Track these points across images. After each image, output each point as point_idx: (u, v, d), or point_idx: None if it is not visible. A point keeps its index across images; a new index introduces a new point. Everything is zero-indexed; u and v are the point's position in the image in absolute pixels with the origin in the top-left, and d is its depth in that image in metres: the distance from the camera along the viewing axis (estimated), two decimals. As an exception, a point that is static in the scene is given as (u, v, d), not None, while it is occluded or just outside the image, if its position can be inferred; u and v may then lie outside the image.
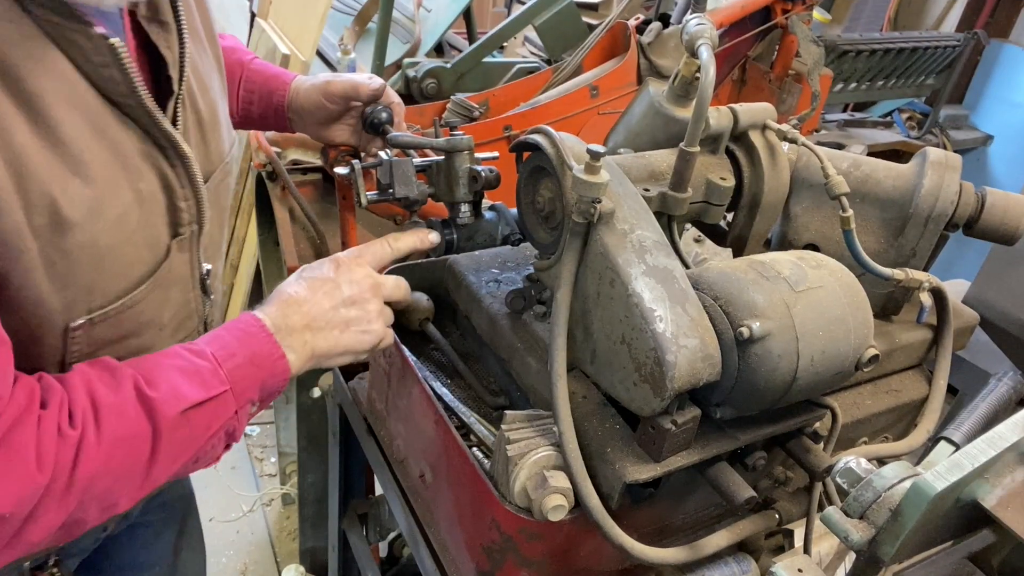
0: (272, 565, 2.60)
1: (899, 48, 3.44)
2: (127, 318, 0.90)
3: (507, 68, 2.63)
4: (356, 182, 1.13)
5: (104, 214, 0.82)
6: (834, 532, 0.71)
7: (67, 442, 0.74)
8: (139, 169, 0.86)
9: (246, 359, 0.88)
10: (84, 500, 0.77)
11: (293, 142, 2.09)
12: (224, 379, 0.86)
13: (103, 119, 0.81)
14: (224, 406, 0.86)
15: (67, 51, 0.76)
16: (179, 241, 0.94)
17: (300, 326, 0.93)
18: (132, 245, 0.87)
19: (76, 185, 0.78)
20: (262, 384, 0.90)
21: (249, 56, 1.34)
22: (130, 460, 0.80)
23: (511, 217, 1.23)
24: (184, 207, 0.93)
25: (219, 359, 0.86)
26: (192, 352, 0.86)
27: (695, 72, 1.06)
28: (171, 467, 0.84)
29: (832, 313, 0.85)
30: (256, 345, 0.89)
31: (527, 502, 0.89)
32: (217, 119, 1.04)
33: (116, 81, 0.80)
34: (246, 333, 0.89)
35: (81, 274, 0.82)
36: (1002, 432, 0.71)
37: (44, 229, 0.76)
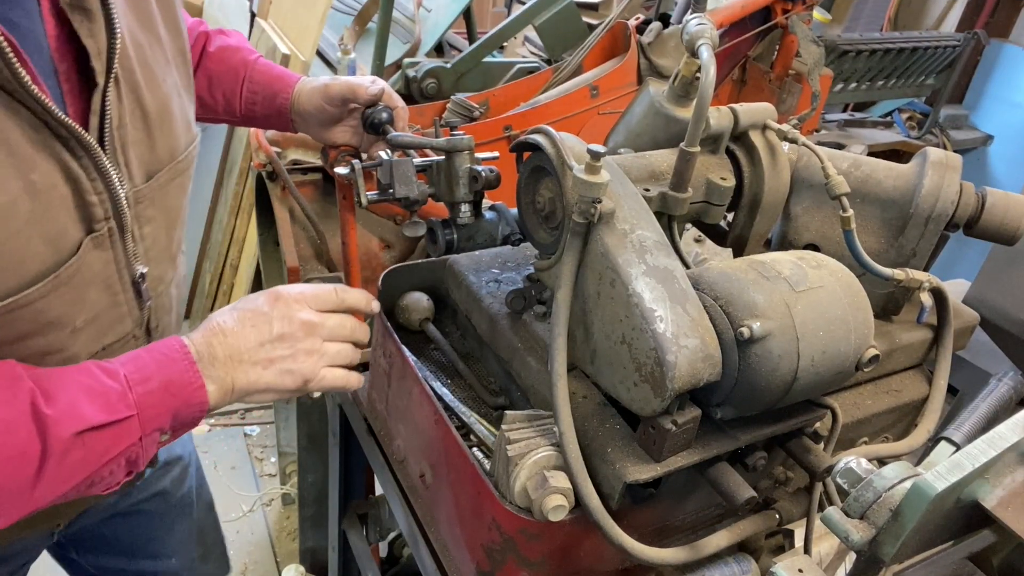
0: (272, 565, 2.60)
1: (899, 48, 3.44)
2: (21, 317, 0.84)
3: (507, 68, 2.63)
4: (356, 182, 1.13)
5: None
6: (834, 532, 0.71)
7: None
8: (31, 158, 0.80)
9: (160, 385, 0.84)
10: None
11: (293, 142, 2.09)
12: (132, 404, 0.81)
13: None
14: (127, 432, 0.81)
15: None
16: (95, 238, 0.89)
17: (223, 357, 0.89)
18: (23, 239, 0.81)
19: None
20: (175, 413, 0.85)
21: (254, 56, 1.34)
22: (12, 478, 0.75)
23: (511, 217, 1.23)
24: (96, 201, 0.87)
25: (131, 382, 0.82)
26: (104, 371, 0.82)
27: (695, 72, 1.06)
28: (59, 488, 0.80)
29: (832, 313, 0.85)
30: (174, 371, 0.85)
31: (527, 502, 0.89)
32: (169, 114, 0.99)
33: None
34: (167, 357, 0.85)
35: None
36: (1002, 432, 0.71)
37: None
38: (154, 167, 0.98)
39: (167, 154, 1.00)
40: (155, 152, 0.97)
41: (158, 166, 0.98)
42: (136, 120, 0.93)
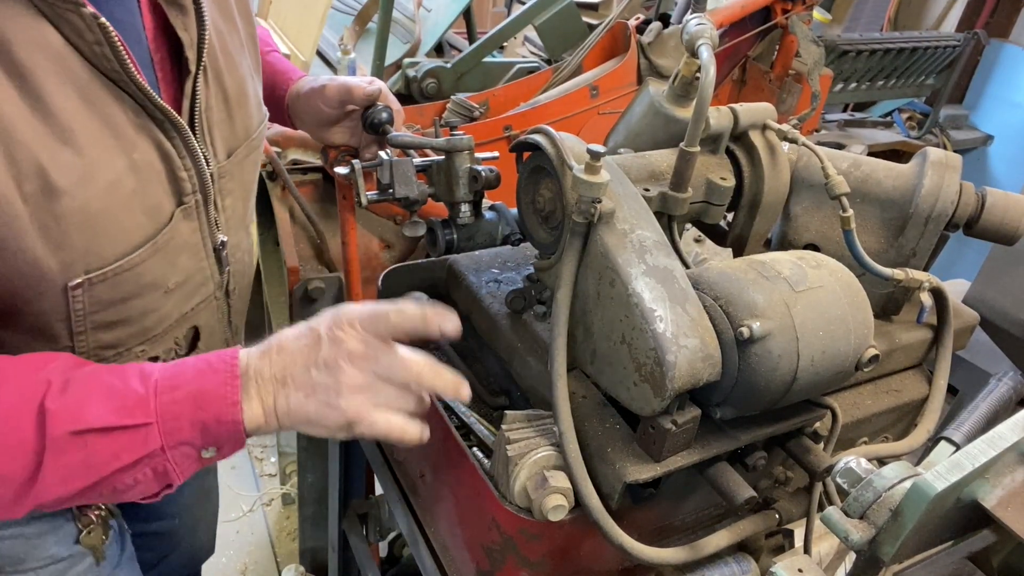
0: (272, 565, 2.60)
1: (899, 48, 3.44)
2: (126, 280, 0.91)
3: (507, 68, 2.63)
4: (356, 182, 1.14)
5: (95, 181, 0.84)
6: (834, 532, 0.71)
7: None
8: (133, 139, 0.88)
9: (188, 395, 0.79)
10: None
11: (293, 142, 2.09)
12: (151, 411, 0.78)
13: (94, 92, 0.83)
14: (143, 440, 0.78)
15: (60, 28, 0.78)
16: (184, 210, 0.97)
17: (269, 375, 0.83)
18: (127, 211, 0.89)
19: (66, 154, 0.81)
20: (203, 427, 0.80)
21: (268, 48, 1.36)
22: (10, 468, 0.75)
23: (511, 217, 1.23)
24: (185, 176, 0.95)
25: (159, 388, 0.79)
26: (140, 373, 0.80)
27: (695, 72, 1.06)
28: (61, 488, 0.77)
29: (832, 313, 0.85)
30: (209, 383, 0.80)
31: (527, 502, 0.89)
32: (245, 96, 1.07)
33: (108, 58, 0.82)
34: (210, 367, 0.81)
35: (75, 237, 0.84)
36: (1002, 432, 0.71)
37: (35, 195, 0.79)
38: (233, 144, 1.06)
39: (244, 132, 1.08)
40: (234, 131, 1.05)
41: (236, 144, 1.06)
42: (219, 103, 1.01)
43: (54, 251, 0.82)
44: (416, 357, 0.85)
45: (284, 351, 0.84)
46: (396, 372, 0.84)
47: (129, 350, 1.01)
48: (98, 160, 0.84)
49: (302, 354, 0.83)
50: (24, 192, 0.78)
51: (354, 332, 0.83)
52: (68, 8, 0.77)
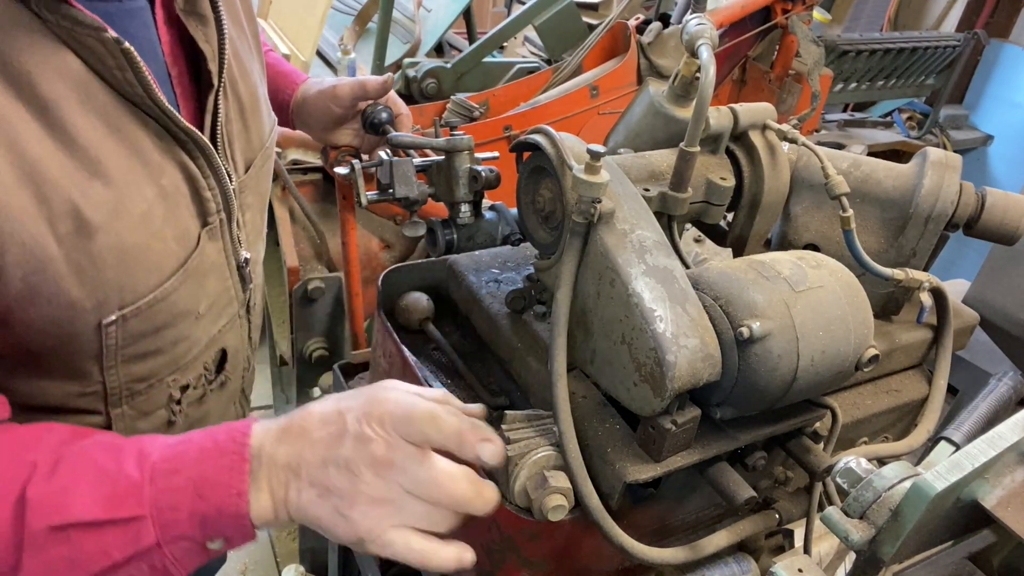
0: (272, 565, 2.60)
1: (899, 48, 3.44)
2: (160, 310, 0.88)
3: (507, 68, 2.63)
4: (356, 182, 1.14)
5: (128, 213, 0.81)
6: (834, 532, 0.71)
7: None
8: (160, 165, 0.85)
9: (187, 481, 0.68)
10: None
11: (293, 142, 2.09)
12: (145, 501, 0.67)
13: (119, 119, 0.80)
14: (136, 535, 0.67)
15: (80, 54, 0.75)
16: (208, 230, 0.93)
17: (284, 462, 0.71)
18: (160, 240, 0.86)
19: (96, 187, 0.77)
20: (202, 520, 0.69)
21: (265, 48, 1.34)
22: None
23: (511, 217, 1.23)
24: (210, 196, 0.92)
25: (156, 473, 0.68)
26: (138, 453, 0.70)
27: (695, 72, 1.06)
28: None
29: (832, 313, 0.85)
30: (212, 467, 0.69)
31: (527, 502, 0.89)
32: (257, 103, 1.04)
33: (132, 83, 0.79)
34: (216, 446, 0.70)
35: (110, 274, 0.81)
36: (1002, 432, 0.71)
37: (69, 236, 0.76)
38: (250, 156, 1.02)
39: (258, 142, 1.04)
40: (250, 142, 1.02)
41: (253, 155, 1.03)
42: (236, 114, 0.98)
43: (89, 291, 0.79)
44: (454, 471, 0.72)
45: (304, 435, 0.71)
46: (427, 489, 0.71)
47: (161, 380, 0.97)
48: (129, 190, 0.81)
49: (323, 444, 0.71)
50: (58, 234, 0.74)
51: (383, 433, 0.70)
52: (88, 34, 0.73)
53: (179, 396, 1.02)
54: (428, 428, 0.71)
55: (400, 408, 0.71)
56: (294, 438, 0.71)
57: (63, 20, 0.72)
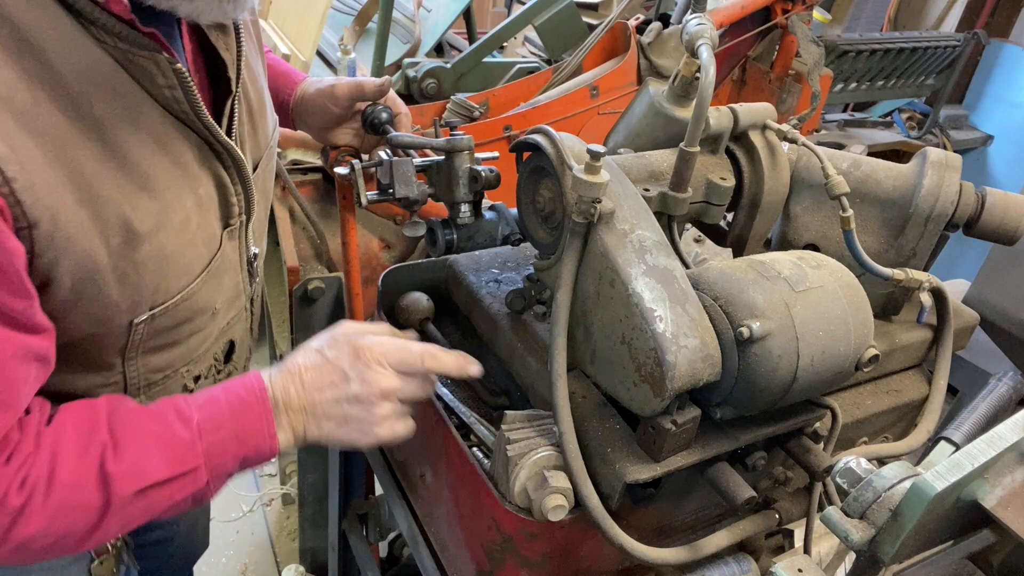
0: (272, 565, 2.60)
1: (899, 48, 3.44)
2: (184, 308, 0.94)
3: (507, 68, 2.63)
4: (356, 182, 1.13)
5: (170, 222, 0.86)
6: (834, 532, 0.71)
7: (6, 509, 0.75)
8: (198, 175, 0.90)
9: (231, 434, 0.86)
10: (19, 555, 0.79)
11: (293, 142, 2.09)
12: (200, 453, 0.84)
13: (166, 133, 0.84)
14: (193, 480, 0.84)
15: (133, 73, 0.79)
16: (229, 231, 0.98)
17: (298, 407, 0.90)
18: (193, 246, 0.91)
19: (144, 199, 0.82)
20: (243, 460, 0.87)
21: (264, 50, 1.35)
22: (74, 526, 0.80)
23: (511, 217, 1.23)
24: (235, 201, 0.97)
25: (203, 430, 0.84)
26: (180, 416, 0.85)
27: (695, 72, 1.06)
28: (119, 531, 0.84)
29: (832, 313, 0.85)
30: (248, 420, 0.86)
31: (527, 502, 0.89)
32: (263, 104, 1.08)
33: (179, 101, 0.83)
34: (243, 403, 0.87)
35: (149, 279, 0.86)
36: (1002, 432, 0.71)
37: (119, 247, 0.81)
38: (257, 156, 1.06)
39: (264, 141, 1.08)
40: (258, 142, 1.06)
41: (260, 154, 1.07)
42: (246, 116, 1.02)
43: (128, 294, 0.85)
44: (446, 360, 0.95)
45: (308, 385, 0.90)
46: (411, 394, 0.95)
47: (176, 371, 1.02)
48: (172, 201, 0.86)
49: (331, 389, 0.90)
50: (109, 246, 0.80)
51: (383, 371, 0.91)
52: (144, 55, 0.77)
53: (192, 386, 1.07)
54: (429, 363, 0.93)
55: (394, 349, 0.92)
56: (298, 386, 0.89)
57: (121, 42, 0.76)
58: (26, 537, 0.77)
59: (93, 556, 1.13)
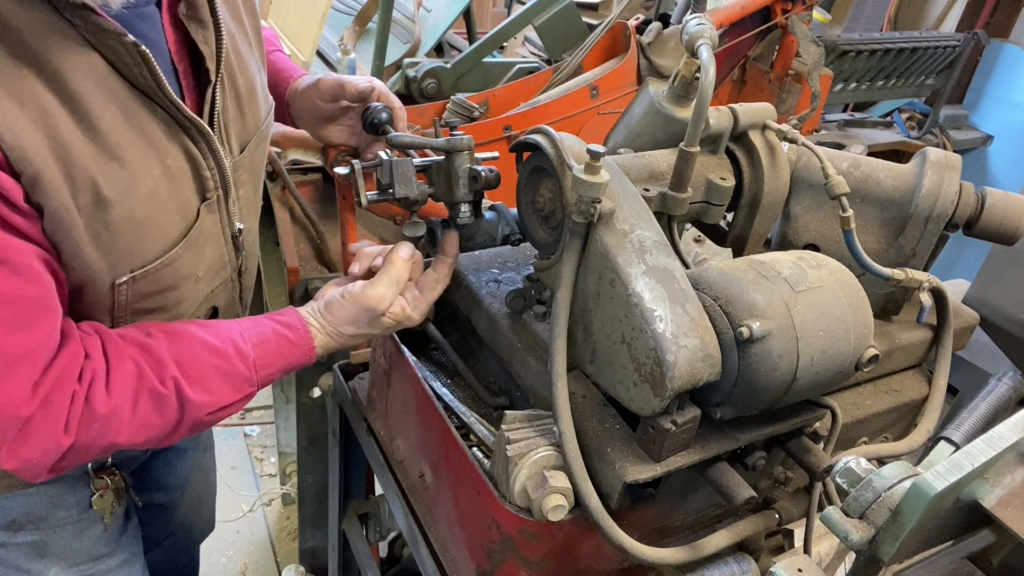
0: (272, 565, 2.60)
1: (899, 48, 3.44)
2: (166, 274, 1.04)
3: (507, 68, 2.63)
4: (356, 182, 1.13)
5: (138, 190, 0.95)
6: (834, 532, 0.71)
7: (94, 417, 0.91)
8: (166, 148, 0.98)
9: (281, 368, 1.06)
10: (103, 454, 0.98)
11: (293, 142, 2.09)
12: (256, 382, 1.04)
13: (134, 108, 0.93)
14: (248, 396, 1.04)
15: (104, 54, 0.88)
16: (207, 205, 1.07)
17: (336, 345, 1.11)
18: (165, 213, 1.00)
19: (113, 168, 0.91)
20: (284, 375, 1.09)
21: (271, 48, 1.40)
22: (154, 436, 0.98)
23: (511, 217, 1.23)
24: (209, 175, 1.05)
25: (258, 366, 1.03)
26: (238, 353, 1.02)
27: (695, 72, 1.06)
28: (185, 437, 1.03)
29: (832, 313, 0.85)
30: (295, 357, 1.07)
31: (527, 502, 0.89)
32: (254, 91, 1.16)
33: (146, 78, 0.92)
34: (290, 344, 1.06)
35: (122, 242, 0.95)
36: (1002, 432, 0.71)
37: (88, 207, 0.90)
38: (245, 139, 1.15)
39: (253, 126, 1.17)
40: (245, 126, 1.14)
41: (248, 137, 1.16)
42: (232, 102, 1.10)
43: (104, 255, 0.94)
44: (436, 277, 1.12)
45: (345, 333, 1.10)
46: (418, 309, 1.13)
47: None
48: (139, 171, 0.94)
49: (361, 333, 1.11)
50: (79, 204, 0.89)
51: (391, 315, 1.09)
52: (111, 38, 0.87)
53: None
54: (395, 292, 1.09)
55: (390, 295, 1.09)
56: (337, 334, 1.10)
57: (90, 26, 0.86)
58: (111, 442, 0.94)
59: (94, 489, 1.23)
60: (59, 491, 1.19)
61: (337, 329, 1.10)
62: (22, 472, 0.92)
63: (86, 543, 1.25)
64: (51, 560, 1.22)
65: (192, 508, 1.69)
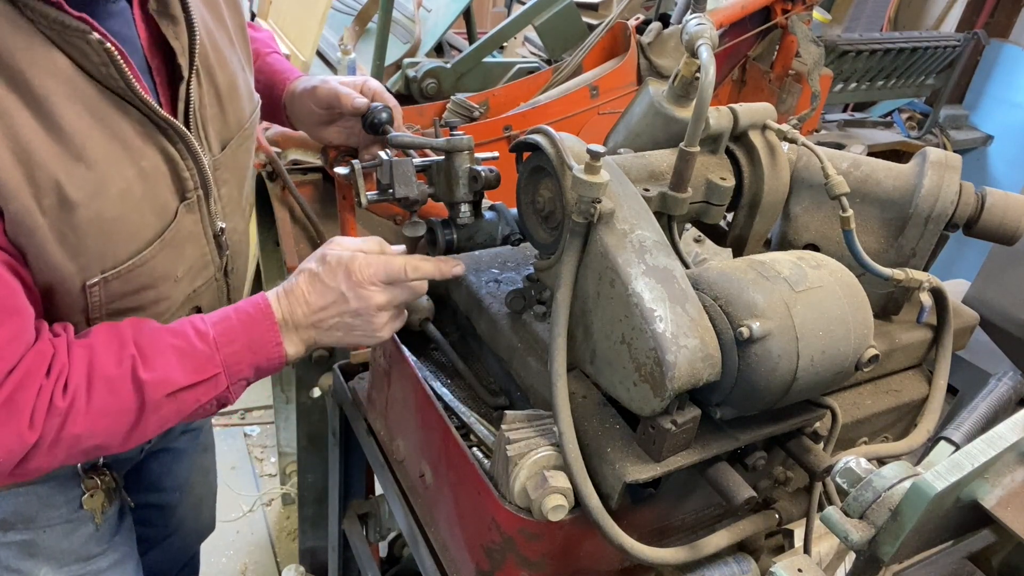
0: (272, 565, 2.60)
1: (899, 48, 3.44)
2: (140, 274, 1.02)
3: (507, 68, 2.63)
4: (356, 182, 1.13)
5: (107, 192, 0.92)
6: (834, 532, 0.71)
7: (55, 411, 0.88)
8: (140, 149, 0.96)
9: (244, 346, 0.99)
10: (70, 453, 0.93)
11: (293, 142, 2.09)
12: (219, 363, 0.98)
13: (102, 109, 0.91)
14: (215, 385, 0.99)
15: (69, 53, 0.86)
16: (187, 205, 1.05)
17: (305, 324, 1.03)
18: (138, 214, 0.98)
19: (79, 169, 0.89)
20: (256, 366, 1.01)
21: (268, 50, 1.40)
22: (115, 426, 0.94)
23: (511, 217, 1.23)
24: (188, 176, 1.04)
25: (219, 343, 0.98)
26: (196, 332, 0.98)
27: (695, 72, 1.06)
28: (156, 430, 0.98)
29: (832, 313, 0.85)
30: (257, 332, 1.00)
31: (527, 502, 0.89)
32: (236, 89, 1.13)
33: (114, 77, 0.89)
34: (251, 319, 1.01)
35: (91, 244, 0.93)
36: (1002, 432, 0.71)
37: (52, 208, 0.88)
38: (226, 137, 1.13)
39: (236, 124, 1.15)
40: (227, 124, 1.12)
41: (229, 136, 1.13)
42: (211, 99, 1.08)
43: (72, 257, 0.92)
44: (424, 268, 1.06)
45: (312, 305, 1.02)
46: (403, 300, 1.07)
47: None
48: (108, 172, 0.92)
49: (334, 307, 1.02)
50: (43, 206, 0.87)
51: (376, 288, 1.02)
52: (76, 35, 0.84)
53: None
54: (412, 274, 1.04)
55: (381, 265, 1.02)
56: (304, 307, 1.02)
57: (53, 24, 0.83)
58: (75, 435, 0.90)
59: (84, 489, 1.22)
60: (49, 491, 1.19)
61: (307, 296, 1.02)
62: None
63: (76, 543, 1.25)
64: (41, 560, 1.22)
65: (192, 509, 1.68)
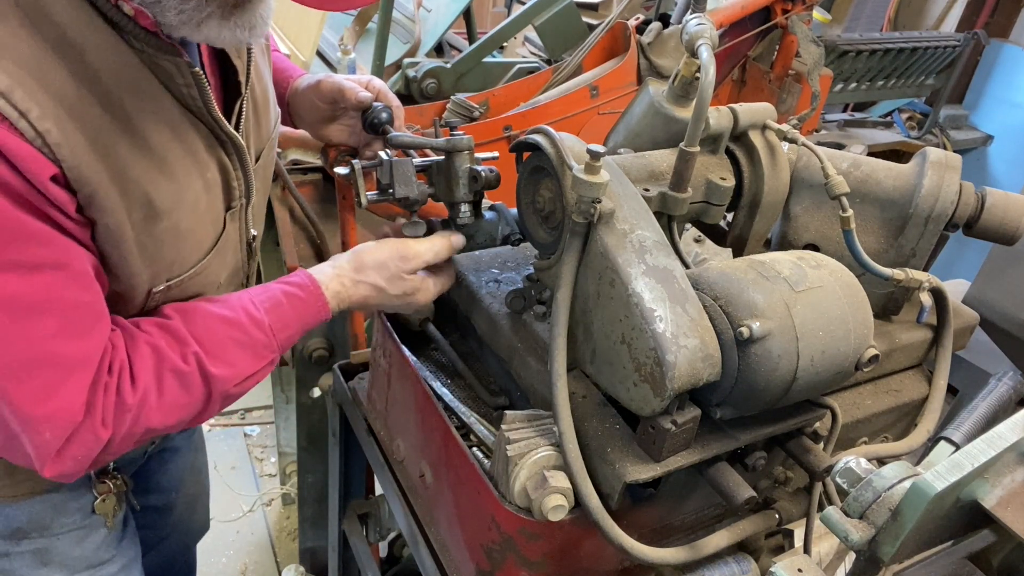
0: (272, 565, 2.60)
1: (899, 48, 3.44)
2: (196, 282, 1.07)
3: (507, 68, 2.63)
4: (356, 182, 1.13)
5: (184, 202, 0.99)
6: (834, 532, 0.71)
7: (125, 407, 0.93)
8: (206, 162, 1.02)
9: (297, 330, 1.08)
10: (140, 441, 0.98)
11: (293, 142, 2.09)
12: (276, 348, 1.04)
13: (181, 125, 0.97)
14: (271, 363, 1.06)
15: (157, 74, 0.92)
16: (231, 213, 1.11)
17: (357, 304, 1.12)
18: (203, 224, 1.04)
19: (163, 181, 0.95)
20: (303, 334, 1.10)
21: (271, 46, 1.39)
22: (185, 416, 1.00)
23: (511, 217, 1.23)
24: (236, 185, 1.09)
25: (275, 330, 1.04)
26: (253, 322, 1.02)
27: (695, 72, 1.06)
28: (215, 413, 1.05)
29: (832, 313, 0.85)
30: (311, 317, 1.08)
31: (527, 502, 0.89)
32: (267, 99, 1.19)
33: (195, 98, 0.96)
34: (305, 305, 1.07)
35: (166, 253, 1.00)
36: (1002, 432, 0.71)
37: (140, 221, 0.94)
38: (260, 146, 1.18)
39: (267, 132, 1.20)
40: (260, 134, 1.17)
41: (262, 145, 1.19)
42: (251, 111, 1.13)
43: (148, 265, 0.98)
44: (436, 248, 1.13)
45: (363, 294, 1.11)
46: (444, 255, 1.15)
47: None
48: (185, 183, 0.99)
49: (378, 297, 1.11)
50: (133, 219, 0.93)
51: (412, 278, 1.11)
52: (167, 59, 0.91)
53: None
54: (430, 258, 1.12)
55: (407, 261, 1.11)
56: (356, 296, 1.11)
57: (148, 47, 0.89)
58: (145, 428, 0.95)
59: (96, 494, 1.24)
60: (63, 497, 1.20)
61: (355, 277, 1.10)
62: (64, 476, 0.93)
63: (88, 549, 1.26)
64: (54, 568, 1.22)
65: (187, 509, 1.69)
